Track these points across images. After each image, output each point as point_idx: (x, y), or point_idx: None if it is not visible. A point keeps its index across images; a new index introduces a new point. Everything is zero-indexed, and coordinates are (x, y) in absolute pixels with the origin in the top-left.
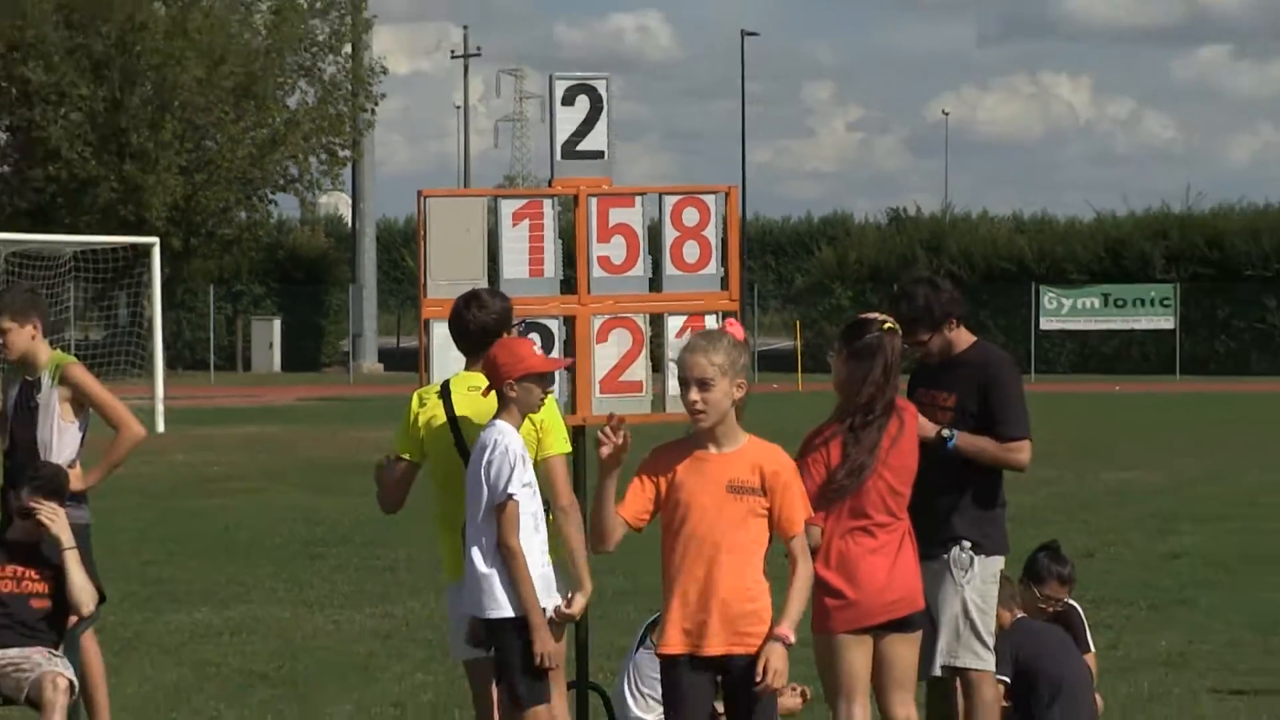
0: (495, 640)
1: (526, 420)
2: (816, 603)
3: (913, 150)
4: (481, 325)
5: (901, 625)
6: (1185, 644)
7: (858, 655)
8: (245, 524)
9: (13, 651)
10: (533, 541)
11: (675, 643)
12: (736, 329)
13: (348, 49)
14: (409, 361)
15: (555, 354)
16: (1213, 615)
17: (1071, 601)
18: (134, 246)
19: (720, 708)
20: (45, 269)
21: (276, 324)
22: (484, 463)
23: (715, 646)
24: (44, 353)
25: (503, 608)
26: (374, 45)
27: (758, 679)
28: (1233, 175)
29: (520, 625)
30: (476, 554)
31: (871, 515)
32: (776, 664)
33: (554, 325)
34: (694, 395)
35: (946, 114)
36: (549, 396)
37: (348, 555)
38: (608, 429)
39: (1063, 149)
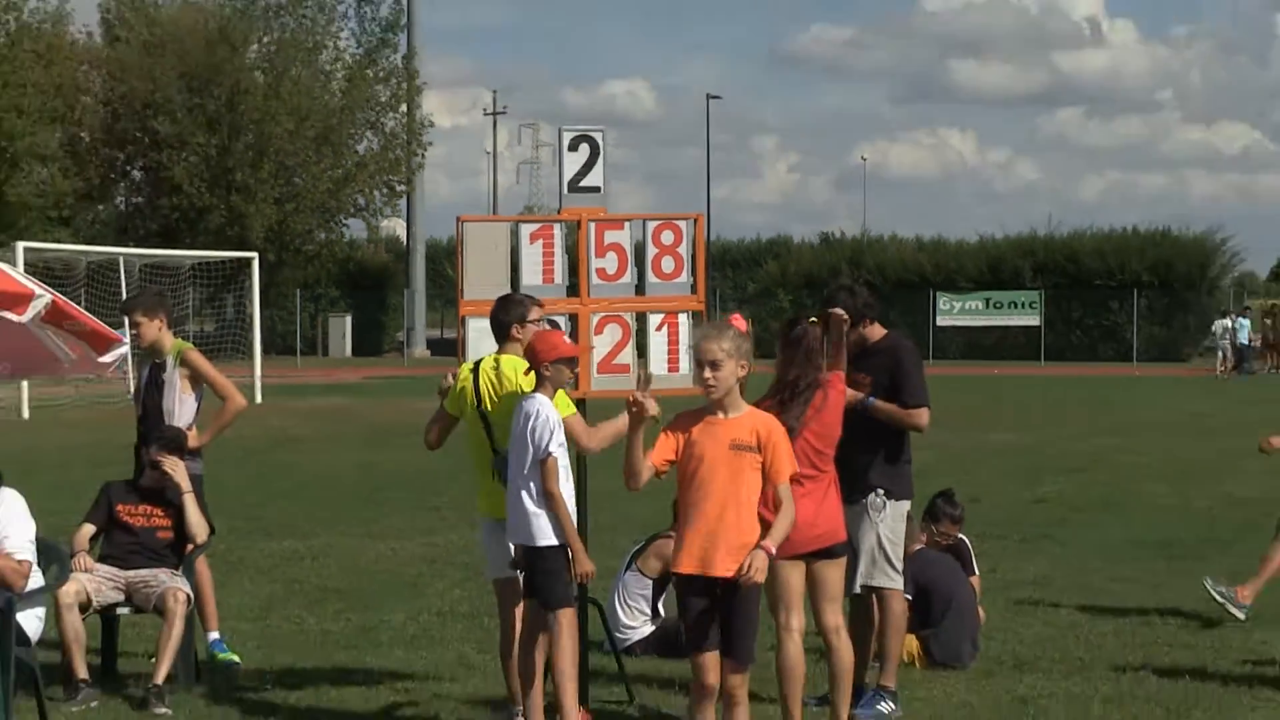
0: (539, 562)
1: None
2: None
3: (838, 187)
4: (502, 321)
5: (827, 553)
6: (1048, 569)
7: (793, 576)
8: (322, 473)
9: (144, 572)
10: (567, 487)
11: (688, 565)
12: (740, 322)
13: (404, 108)
14: (450, 348)
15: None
16: (1069, 547)
17: (961, 536)
18: (238, 260)
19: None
20: (170, 277)
21: (348, 319)
22: (529, 428)
23: (720, 569)
24: (168, 341)
25: (548, 538)
26: (424, 105)
27: (743, 572)
28: (1084, 207)
29: (560, 550)
30: (525, 497)
31: (799, 468)
32: (758, 564)
33: (561, 320)
34: (707, 373)
35: (864, 159)
36: None
37: (401, 498)
38: (639, 393)
39: (954, 187)
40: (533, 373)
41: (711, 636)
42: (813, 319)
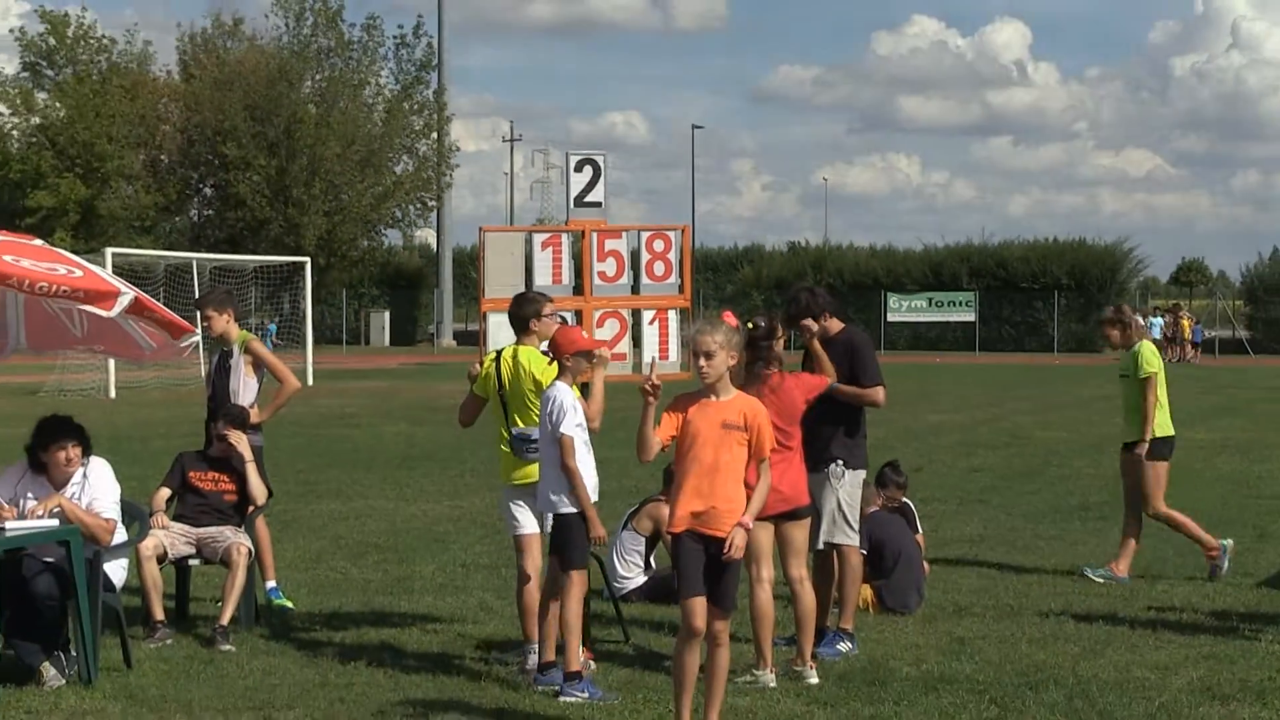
0: (560, 528)
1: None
2: None
3: (803, 204)
4: (520, 316)
5: (793, 515)
6: (981, 528)
7: (763, 534)
8: (364, 445)
9: (212, 529)
10: (586, 462)
11: (682, 524)
12: (730, 318)
13: (434, 135)
14: (473, 339)
15: None
16: (999, 509)
17: (906, 500)
18: (293, 263)
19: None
20: (235, 277)
21: (386, 314)
22: (550, 411)
23: (711, 529)
24: (234, 332)
25: (567, 506)
26: (451, 133)
27: (725, 550)
28: (1012, 221)
29: (578, 518)
30: (549, 471)
31: None
32: (738, 541)
33: (569, 316)
34: (702, 362)
35: (826, 180)
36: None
37: (432, 466)
38: (652, 379)
39: (902, 203)
40: (555, 363)
41: (701, 585)
42: (749, 323)
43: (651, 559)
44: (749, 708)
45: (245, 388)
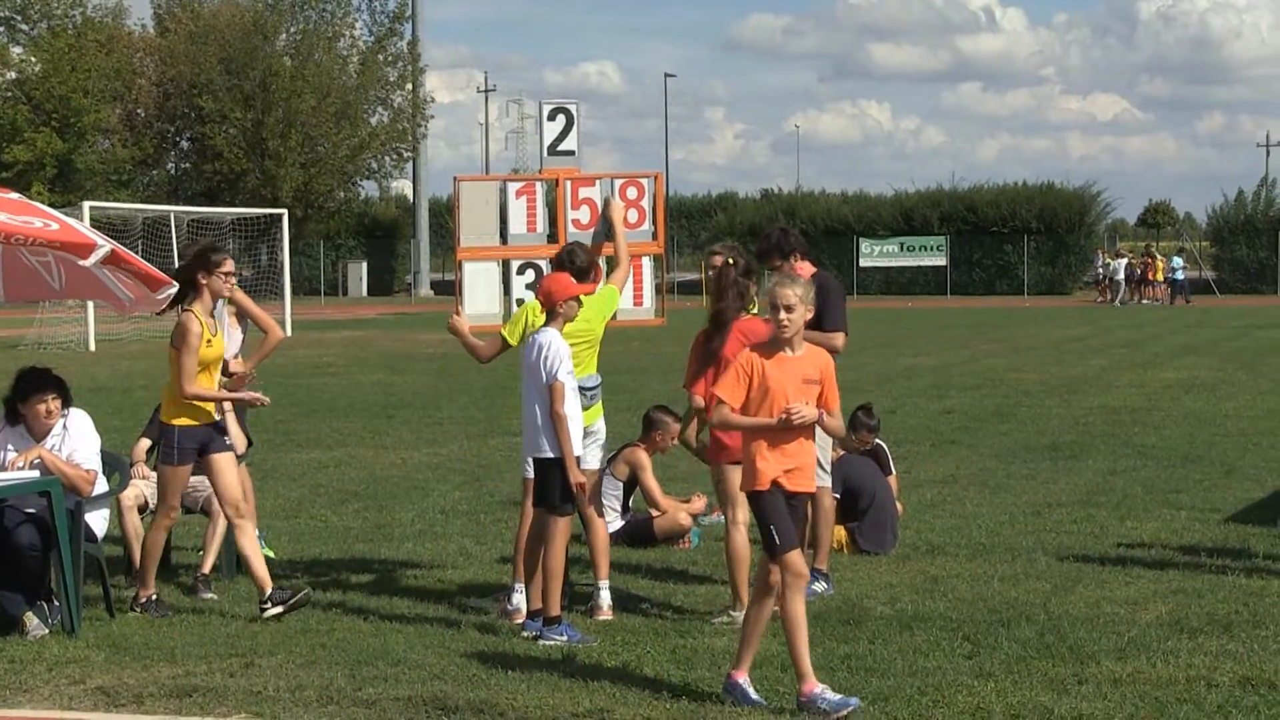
0: (546, 473)
1: (525, 318)
2: (713, 444)
3: (775, 151)
4: (580, 264)
5: None
6: (954, 469)
7: (735, 478)
8: (343, 394)
9: (193, 479)
10: (574, 408)
11: (766, 481)
12: (805, 270)
13: (409, 87)
14: (450, 289)
15: None
16: (971, 450)
17: (879, 441)
18: (270, 215)
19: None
20: (213, 230)
21: (364, 265)
22: (541, 357)
23: (796, 487)
24: None
25: (549, 451)
26: (426, 84)
27: (792, 410)
28: (982, 166)
29: (561, 463)
30: (536, 414)
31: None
32: (809, 413)
33: (543, 264)
34: (781, 315)
35: (798, 127)
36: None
37: (411, 414)
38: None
39: (873, 149)
40: (547, 312)
41: (796, 537)
42: (729, 260)
43: (629, 503)
44: (725, 648)
45: (230, 339)
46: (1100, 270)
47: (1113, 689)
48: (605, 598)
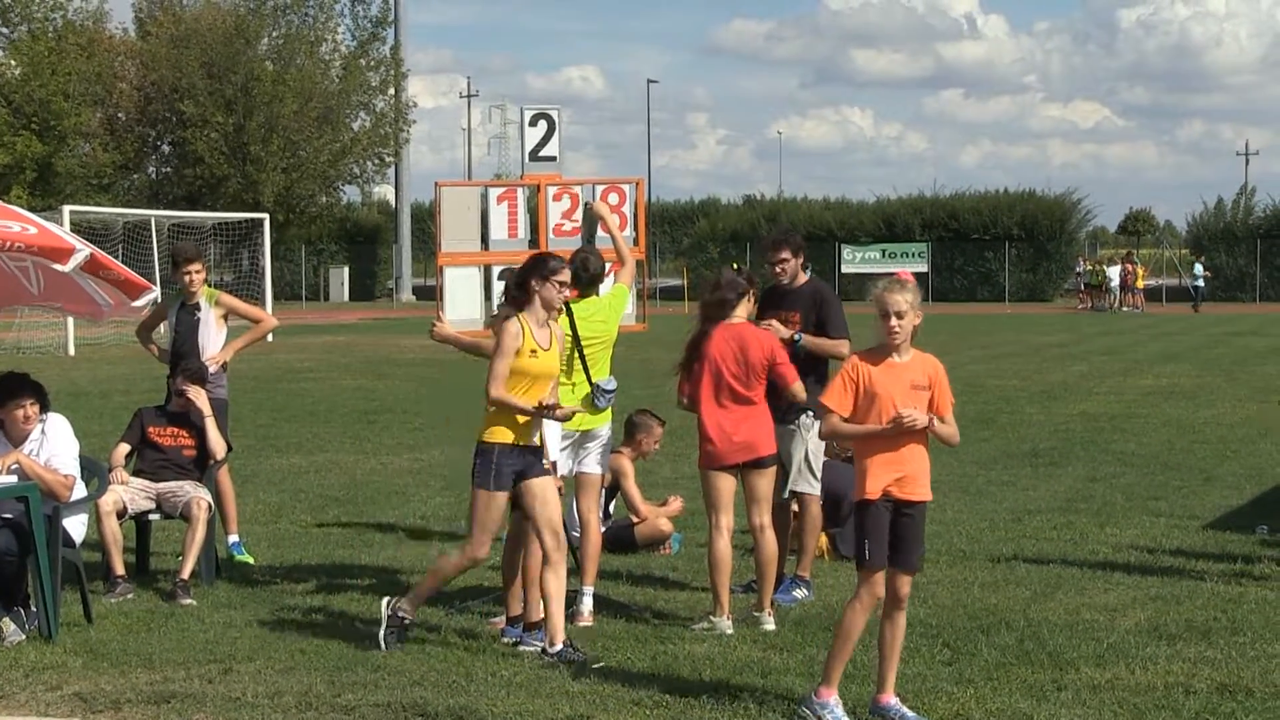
0: None
1: None
2: (701, 449)
3: (758, 157)
4: (595, 271)
5: (757, 464)
6: (936, 475)
7: (723, 483)
8: (324, 399)
9: (172, 484)
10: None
11: (876, 491)
12: (908, 275)
13: (391, 92)
14: (432, 294)
15: None
16: (951, 456)
17: None
18: (252, 220)
19: None
20: (194, 234)
21: (346, 270)
22: None
23: (907, 495)
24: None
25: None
26: (408, 89)
27: (903, 415)
28: (963, 173)
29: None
30: None
31: (726, 395)
32: (919, 418)
33: None
34: (892, 322)
35: (780, 133)
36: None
37: (391, 420)
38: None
39: (854, 155)
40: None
41: (886, 555)
42: (732, 264)
43: (610, 508)
44: (706, 654)
45: (213, 342)
46: (1079, 275)
47: (1091, 695)
48: (587, 604)
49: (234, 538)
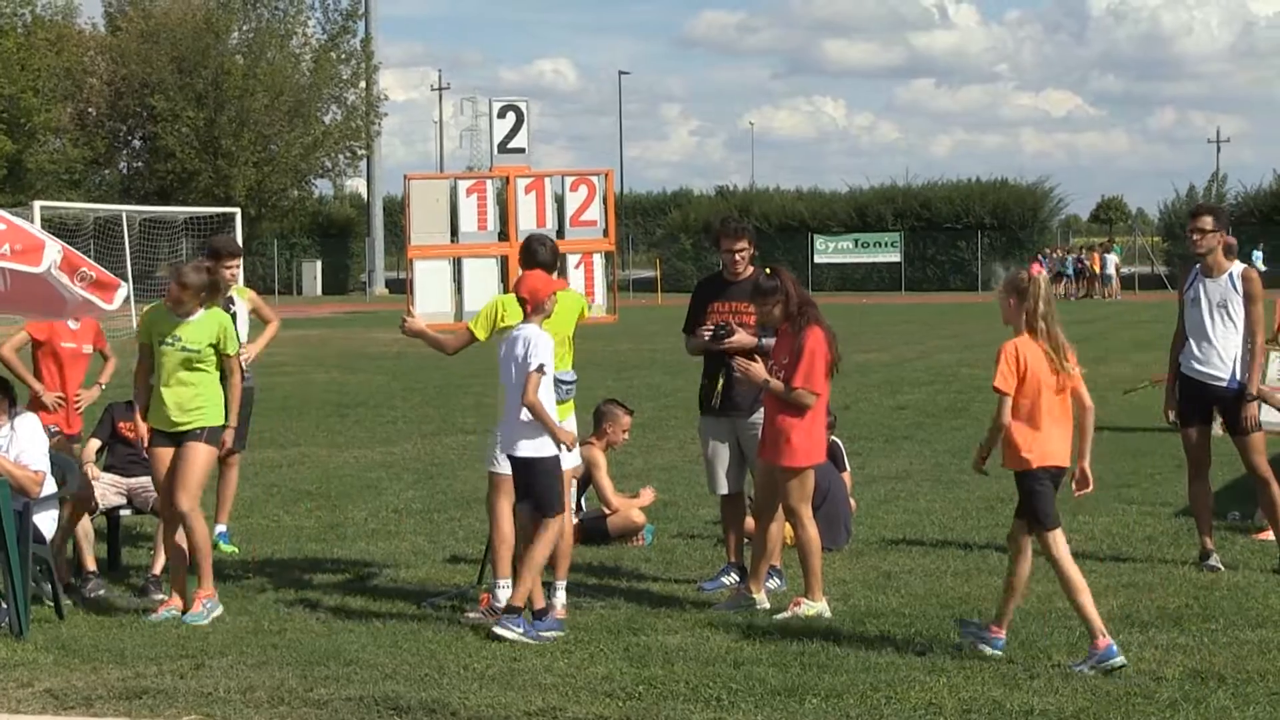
0: (535, 473)
1: (495, 313)
2: (769, 445)
3: (730, 148)
4: (544, 261)
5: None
6: (908, 465)
7: (796, 487)
8: (296, 393)
9: (143, 479)
10: (548, 397)
11: (1044, 460)
12: (1038, 267)
13: (363, 85)
14: (404, 287)
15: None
16: (924, 445)
17: (834, 438)
18: (223, 214)
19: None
20: (166, 229)
21: (318, 264)
22: (529, 350)
23: (1060, 463)
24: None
25: (526, 451)
26: (380, 82)
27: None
28: (936, 162)
29: (544, 462)
30: (520, 411)
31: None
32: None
33: (493, 262)
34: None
35: (752, 124)
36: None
37: (364, 414)
38: None
39: (827, 146)
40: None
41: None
42: (766, 269)
43: (582, 501)
44: (678, 645)
45: (246, 335)
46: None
47: (1064, 683)
48: (561, 597)
49: (221, 527)
